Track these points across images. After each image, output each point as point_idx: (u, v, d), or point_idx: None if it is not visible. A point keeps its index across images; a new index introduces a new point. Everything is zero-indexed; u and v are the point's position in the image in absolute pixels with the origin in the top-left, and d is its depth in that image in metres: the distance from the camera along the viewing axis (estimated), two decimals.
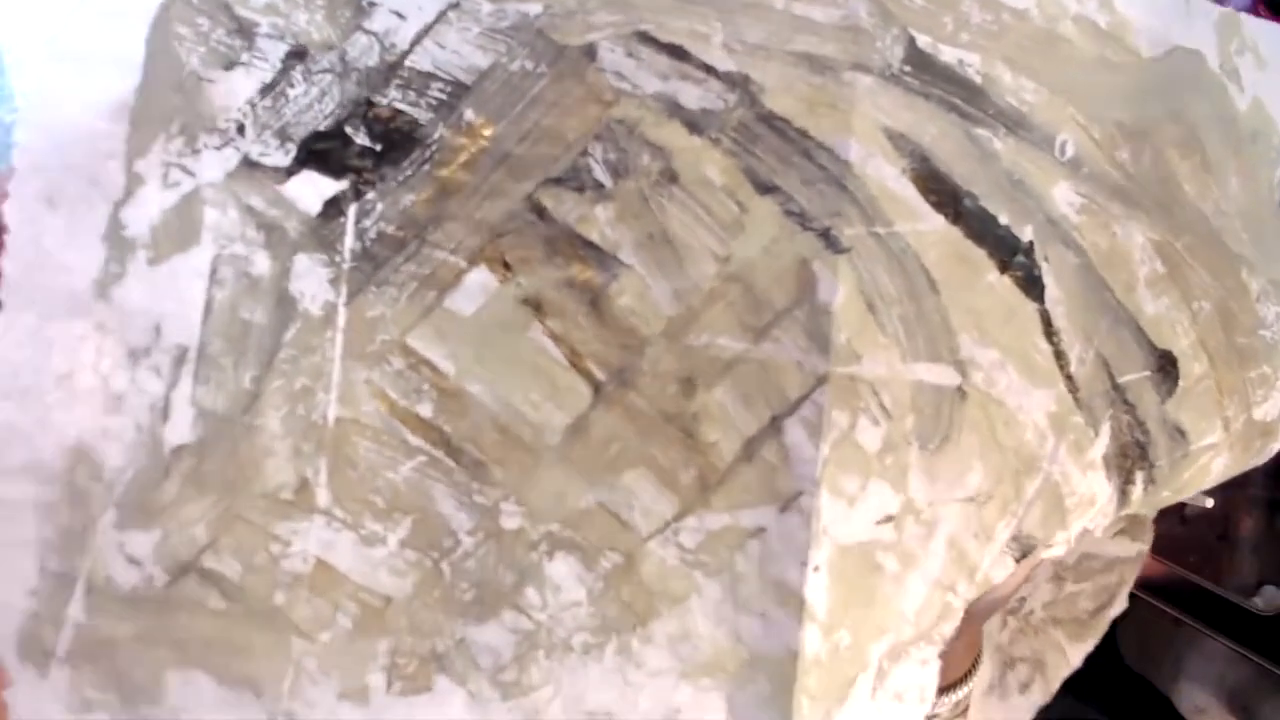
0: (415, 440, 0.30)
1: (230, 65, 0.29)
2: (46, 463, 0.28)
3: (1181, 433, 0.36)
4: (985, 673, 0.47)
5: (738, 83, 0.31)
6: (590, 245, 0.31)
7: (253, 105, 0.30)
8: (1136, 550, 0.46)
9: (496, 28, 0.30)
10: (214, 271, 0.29)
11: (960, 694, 0.39)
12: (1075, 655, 0.49)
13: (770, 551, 0.32)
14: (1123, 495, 0.36)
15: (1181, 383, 0.36)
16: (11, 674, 0.28)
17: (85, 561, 0.28)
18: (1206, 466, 0.37)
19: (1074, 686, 0.50)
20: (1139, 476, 0.36)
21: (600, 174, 0.31)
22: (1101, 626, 0.49)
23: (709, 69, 0.31)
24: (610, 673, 0.32)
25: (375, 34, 0.30)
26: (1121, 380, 0.35)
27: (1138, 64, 0.35)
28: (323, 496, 0.30)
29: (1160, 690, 0.63)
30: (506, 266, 0.31)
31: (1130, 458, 0.36)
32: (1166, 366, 0.36)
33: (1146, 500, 0.36)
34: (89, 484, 0.28)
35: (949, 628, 0.34)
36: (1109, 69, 0.35)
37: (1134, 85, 0.35)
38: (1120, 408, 0.35)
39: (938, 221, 0.32)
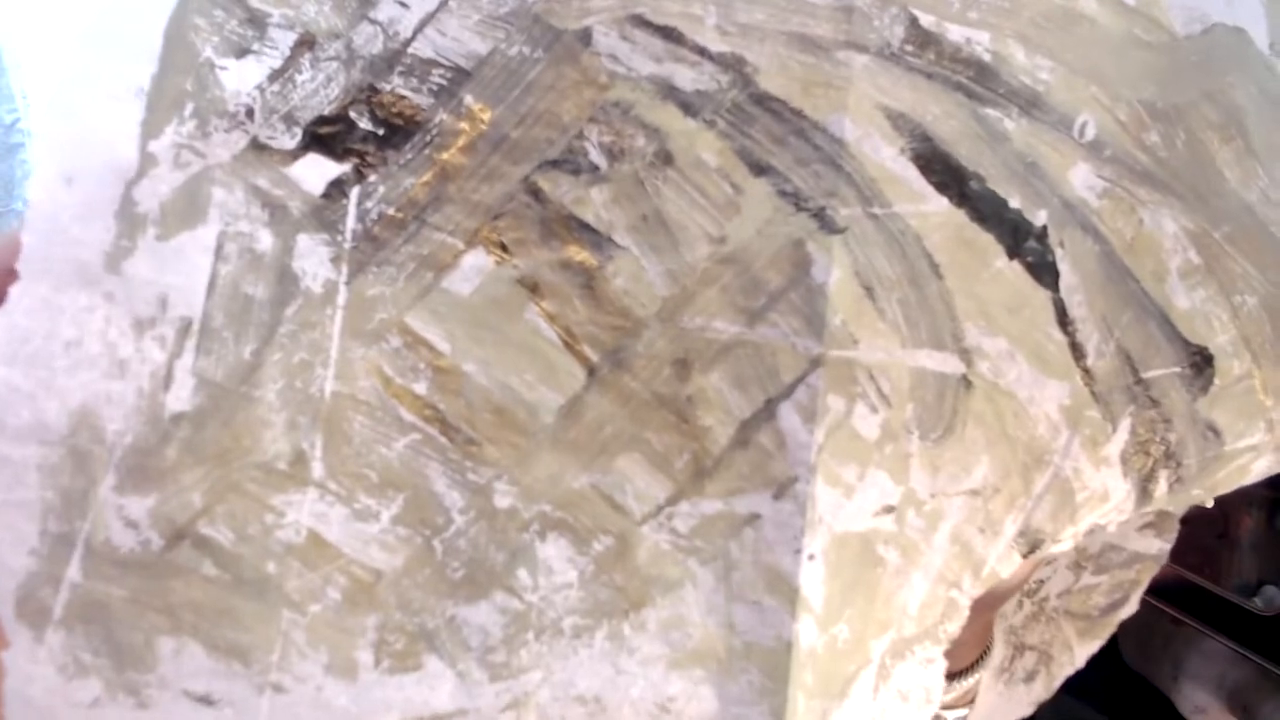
0: (410, 417, 0.31)
1: (242, 53, 0.30)
2: (51, 425, 0.29)
3: (1215, 432, 0.34)
4: (998, 652, 0.45)
5: (731, 64, 0.30)
6: (586, 227, 0.31)
7: (262, 91, 0.30)
8: (1158, 548, 0.43)
9: (495, 14, 0.30)
10: (219, 248, 0.30)
11: (968, 682, 0.37)
12: (1081, 655, 0.46)
13: (765, 539, 0.31)
14: (1144, 493, 0.34)
15: (1218, 381, 0.34)
16: (8, 635, 0.28)
17: (85, 524, 0.29)
18: (1245, 467, 0.35)
19: (1074, 686, 0.47)
20: (1163, 474, 0.34)
21: (596, 156, 0.30)
22: (1110, 627, 0.46)
23: (703, 51, 0.30)
24: (600, 658, 0.31)
25: (380, 23, 0.31)
26: (1146, 375, 0.33)
27: (1170, 42, 0.34)
28: (317, 469, 0.30)
29: (1160, 690, 0.61)
30: (503, 248, 0.31)
31: (1152, 455, 0.33)
32: (1200, 363, 0.34)
33: (1173, 498, 0.34)
34: (90, 446, 0.29)
35: (954, 626, 0.32)
36: (1137, 47, 0.33)
37: (1166, 64, 0.33)
38: (1144, 403, 0.33)
39: (941, 204, 0.31)
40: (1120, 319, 0.33)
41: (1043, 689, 0.47)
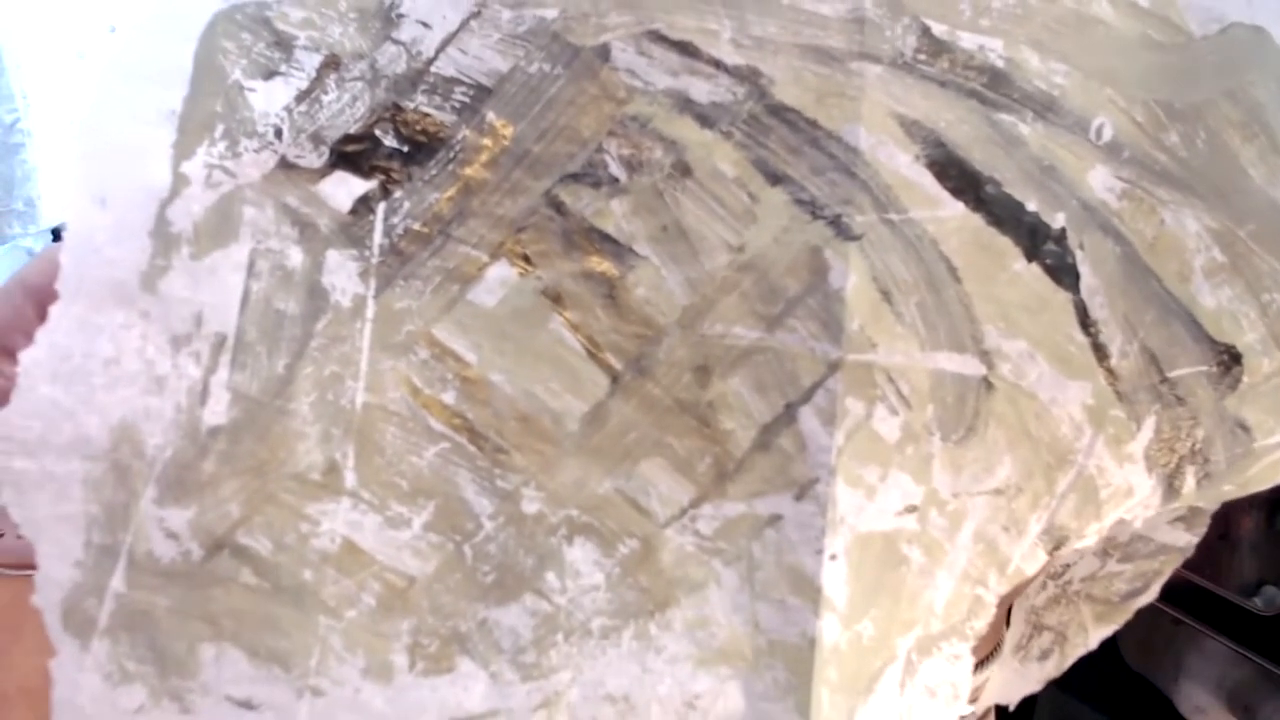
0: (439, 427, 0.31)
1: (269, 75, 0.31)
2: (93, 440, 0.30)
3: (1245, 429, 0.34)
4: (1016, 630, 0.45)
5: (747, 76, 0.31)
6: (607, 238, 0.31)
7: (289, 111, 0.31)
8: (1185, 541, 0.43)
9: (515, 33, 0.31)
10: (251, 265, 0.31)
11: (978, 679, 0.37)
12: (1095, 637, 0.46)
13: (787, 539, 0.31)
14: (1170, 488, 0.34)
15: (1247, 378, 0.34)
16: (56, 644, 0.29)
17: (127, 536, 0.30)
18: (1278, 463, 0.34)
19: (1074, 686, 0.47)
20: (1189, 470, 0.34)
21: (615, 169, 0.31)
22: (1127, 613, 0.46)
23: (718, 64, 0.31)
24: (628, 658, 0.32)
25: (403, 43, 0.31)
26: (1172, 374, 0.33)
27: (1186, 43, 0.34)
28: (350, 479, 0.31)
29: (1160, 690, 0.61)
30: (526, 260, 0.31)
31: (1178, 452, 0.34)
32: (1228, 361, 0.34)
33: (1202, 494, 0.35)
34: (131, 461, 0.30)
35: (981, 623, 0.33)
36: (1152, 48, 0.33)
37: (1182, 65, 0.34)
38: (1169, 402, 0.33)
39: (957, 208, 0.31)
40: (1144, 319, 0.33)
41: (1054, 668, 0.47)
